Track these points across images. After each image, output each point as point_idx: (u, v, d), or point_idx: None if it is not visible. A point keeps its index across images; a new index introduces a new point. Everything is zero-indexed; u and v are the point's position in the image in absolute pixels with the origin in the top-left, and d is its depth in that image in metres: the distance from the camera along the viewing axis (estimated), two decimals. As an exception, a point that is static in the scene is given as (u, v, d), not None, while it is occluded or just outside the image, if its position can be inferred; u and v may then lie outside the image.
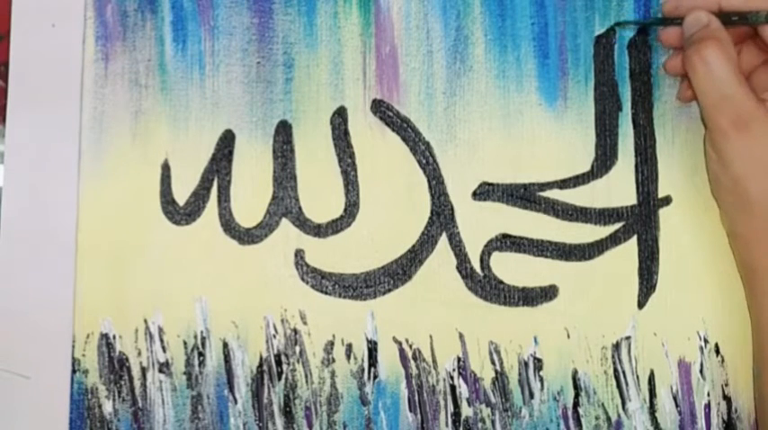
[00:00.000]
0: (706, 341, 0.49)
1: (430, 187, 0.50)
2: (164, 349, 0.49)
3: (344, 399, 0.49)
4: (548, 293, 0.49)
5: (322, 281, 0.49)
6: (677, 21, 0.47)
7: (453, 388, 0.49)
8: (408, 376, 0.49)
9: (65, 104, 0.50)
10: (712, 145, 0.46)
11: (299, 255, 0.49)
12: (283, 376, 0.49)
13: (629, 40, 0.51)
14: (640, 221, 0.50)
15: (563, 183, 0.50)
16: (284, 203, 0.50)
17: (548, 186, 0.50)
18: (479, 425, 0.49)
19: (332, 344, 0.49)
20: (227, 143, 0.50)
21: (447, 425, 0.49)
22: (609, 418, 0.49)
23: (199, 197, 0.50)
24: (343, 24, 0.51)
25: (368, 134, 0.50)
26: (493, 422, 0.49)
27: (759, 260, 0.45)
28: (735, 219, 0.47)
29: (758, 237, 0.45)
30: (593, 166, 0.50)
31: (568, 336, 0.49)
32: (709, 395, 0.49)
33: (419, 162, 0.50)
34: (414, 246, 0.49)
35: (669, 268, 0.49)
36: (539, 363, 0.49)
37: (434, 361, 0.49)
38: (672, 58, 0.49)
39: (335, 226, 0.50)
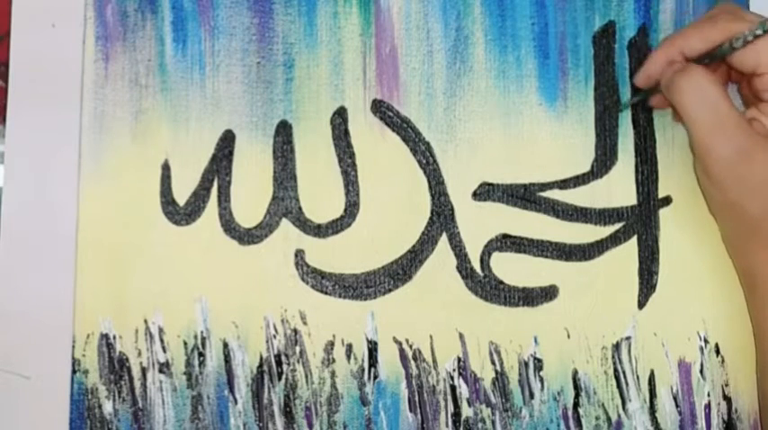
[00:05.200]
0: (706, 341, 0.49)
1: (430, 187, 0.50)
2: (164, 349, 0.49)
3: (345, 400, 0.49)
4: (548, 293, 0.49)
5: (322, 281, 0.49)
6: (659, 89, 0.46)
7: (453, 388, 0.49)
8: (408, 376, 0.49)
9: (65, 104, 0.50)
10: (705, 171, 0.44)
11: (299, 255, 0.49)
12: (283, 376, 0.49)
13: (629, 40, 0.51)
14: (640, 221, 0.50)
15: (563, 184, 0.50)
16: (284, 203, 0.50)
17: (548, 186, 0.50)
18: (479, 425, 0.49)
19: (332, 344, 0.49)
20: (227, 143, 0.50)
21: (447, 426, 0.48)
22: (609, 418, 0.49)
23: (199, 197, 0.50)
24: (343, 24, 0.51)
25: (368, 134, 0.50)
26: (493, 422, 0.49)
27: (758, 267, 0.45)
28: (734, 234, 0.46)
29: (758, 250, 0.45)
30: (593, 166, 0.50)
31: (568, 336, 0.49)
32: (709, 395, 0.49)
33: (419, 162, 0.50)
34: (414, 246, 0.49)
35: (669, 268, 0.49)
36: (539, 363, 0.49)
37: (434, 361, 0.49)
38: (657, 95, 0.48)
39: (335, 226, 0.50)
